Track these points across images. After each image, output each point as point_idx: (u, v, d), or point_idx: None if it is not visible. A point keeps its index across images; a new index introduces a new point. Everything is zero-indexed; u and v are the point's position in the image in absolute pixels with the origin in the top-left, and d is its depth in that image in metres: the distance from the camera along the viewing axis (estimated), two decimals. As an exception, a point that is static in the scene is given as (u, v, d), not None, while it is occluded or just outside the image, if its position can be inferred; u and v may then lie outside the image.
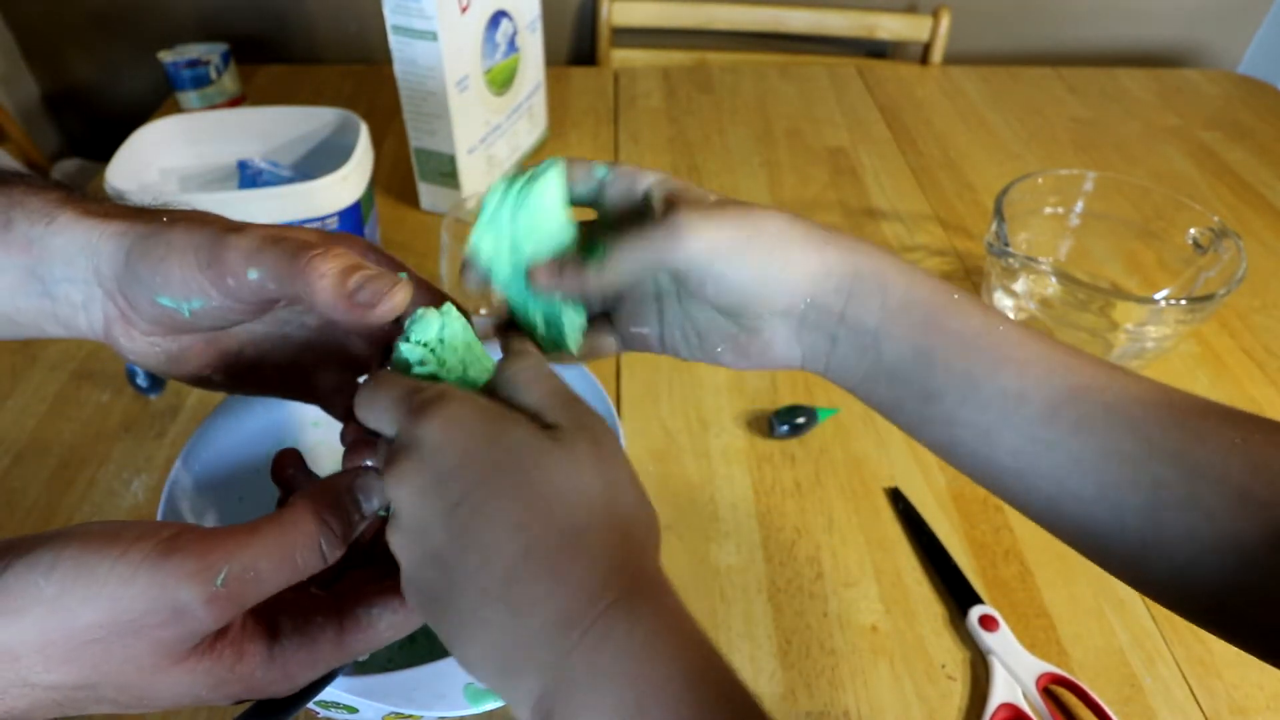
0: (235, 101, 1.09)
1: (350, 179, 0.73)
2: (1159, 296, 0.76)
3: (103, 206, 0.33)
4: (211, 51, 1.05)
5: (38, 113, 1.44)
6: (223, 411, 0.48)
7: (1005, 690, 0.50)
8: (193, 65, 1.03)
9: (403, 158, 0.96)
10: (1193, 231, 0.73)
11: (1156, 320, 0.65)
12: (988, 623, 0.53)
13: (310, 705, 0.36)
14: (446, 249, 0.69)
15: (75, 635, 0.25)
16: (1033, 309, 0.71)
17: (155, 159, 0.81)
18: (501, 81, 0.88)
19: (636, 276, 0.33)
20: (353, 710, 0.39)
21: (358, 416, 0.31)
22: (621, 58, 1.35)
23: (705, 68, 1.25)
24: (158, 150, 0.81)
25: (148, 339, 0.33)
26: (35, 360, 0.72)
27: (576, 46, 1.40)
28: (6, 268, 0.32)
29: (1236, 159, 1.05)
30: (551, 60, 1.11)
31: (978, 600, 0.55)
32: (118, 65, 1.41)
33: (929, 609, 0.55)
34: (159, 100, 1.13)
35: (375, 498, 0.30)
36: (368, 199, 0.78)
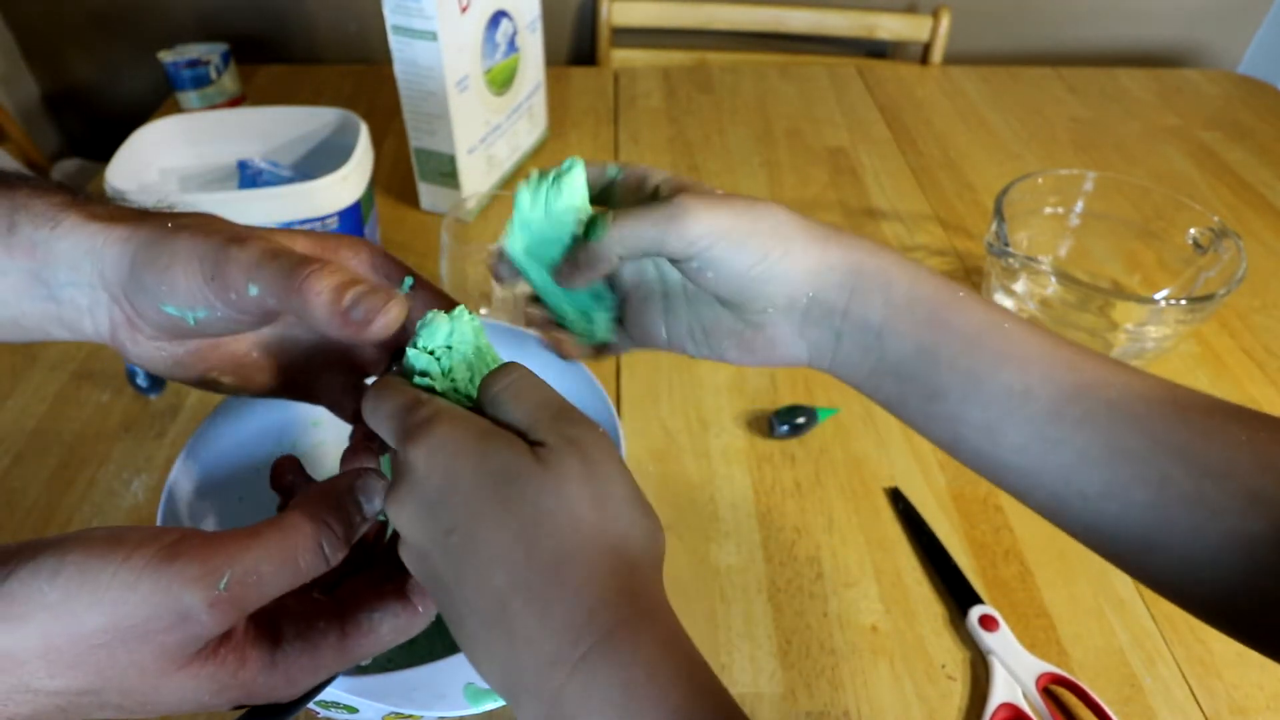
0: (235, 101, 1.09)
1: (350, 179, 0.73)
2: (1159, 296, 0.76)
3: (107, 210, 0.32)
4: (211, 51, 1.05)
5: (38, 113, 1.44)
6: (223, 411, 0.48)
7: (1005, 690, 0.50)
8: (193, 65, 1.03)
9: (403, 158, 0.96)
10: (1193, 231, 0.73)
11: (1156, 320, 0.65)
12: (988, 623, 0.53)
13: (310, 705, 0.36)
14: (446, 249, 0.69)
15: (79, 641, 0.25)
16: (1033, 309, 0.71)
17: (155, 159, 0.81)
18: (501, 81, 0.89)
19: (639, 250, 0.34)
20: (353, 710, 0.39)
21: (365, 420, 0.31)
22: (621, 58, 1.35)
23: (705, 68, 1.25)
24: (158, 150, 0.81)
25: (153, 343, 0.33)
26: (35, 360, 0.72)
27: (576, 46, 1.40)
28: (11, 271, 0.31)
29: (1236, 159, 1.05)
30: (551, 60, 1.11)
31: (978, 600, 0.55)
32: (118, 65, 1.41)
33: (929, 609, 0.55)
34: (159, 100, 1.14)
35: (376, 499, 0.30)
36: (368, 199, 0.78)
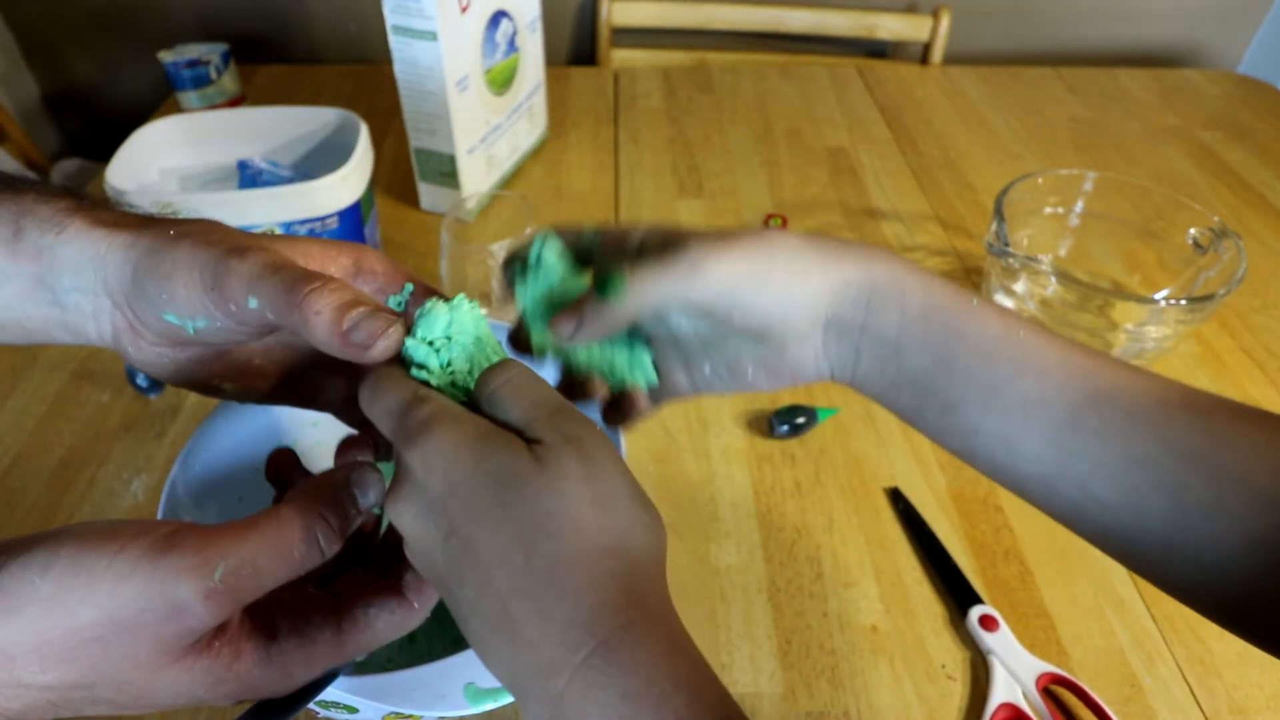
0: (235, 101, 1.09)
1: (350, 179, 0.73)
2: (1159, 296, 0.76)
3: (112, 215, 0.32)
4: (211, 51, 1.05)
5: (38, 113, 1.44)
6: (223, 411, 0.48)
7: (1005, 690, 0.50)
8: (193, 65, 1.03)
9: (403, 158, 0.96)
10: (1193, 231, 0.73)
11: (1156, 320, 0.65)
12: (988, 623, 0.53)
13: (310, 705, 0.36)
14: (446, 249, 0.69)
15: (72, 634, 0.25)
16: (1033, 309, 0.71)
17: (155, 159, 0.81)
18: (501, 81, 0.89)
19: (655, 308, 0.33)
20: (353, 710, 0.39)
21: (362, 409, 0.31)
22: (621, 58, 1.35)
23: (705, 68, 1.25)
24: (158, 150, 0.81)
25: (155, 349, 0.33)
26: (35, 360, 0.72)
27: (576, 46, 1.40)
28: (16, 276, 0.32)
29: (1236, 159, 1.05)
30: (551, 60, 1.11)
31: (978, 600, 0.55)
32: (118, 65, 1.41)
33: (929, 609, 0.55)
34: (159, 100, 1.14)
35: (371, 492, 0.30)
36: (368, 199, 0.78)
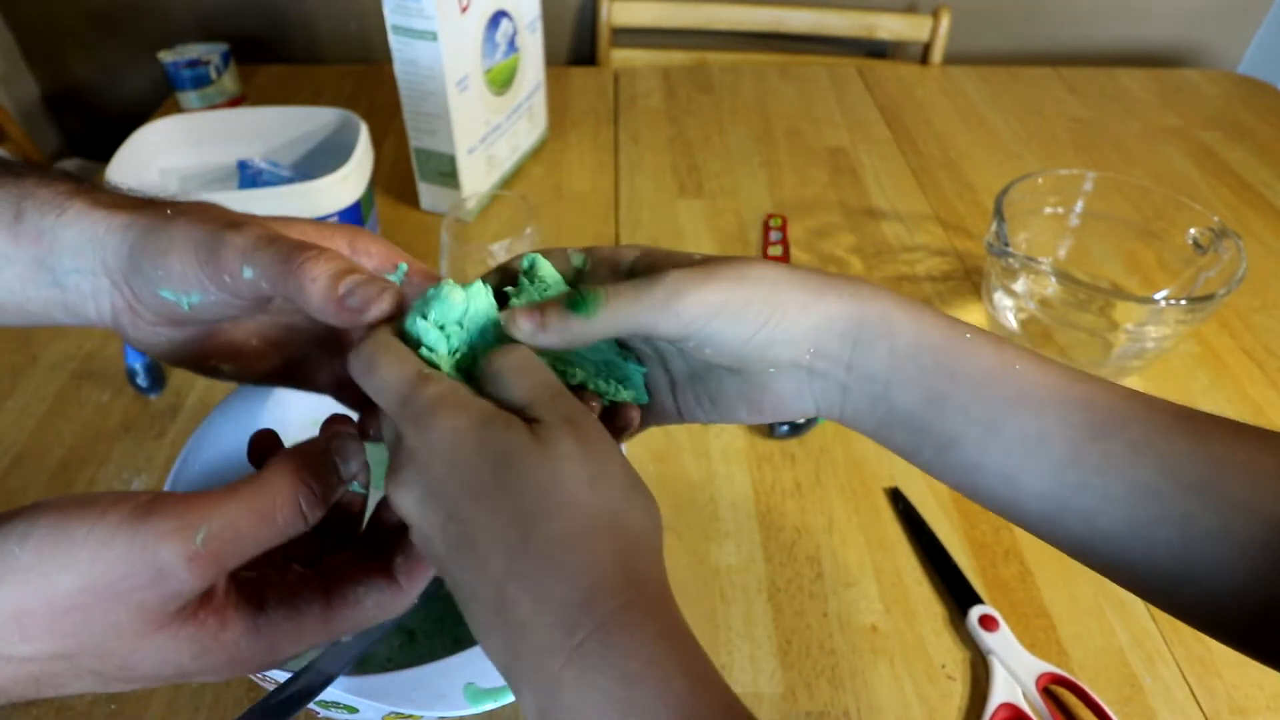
0: (235, 101, 1.09)
1: (350, 179, 0.73)
2: (1159, 296, 0.75)
3: (110, 198, 0.33)
4: (211, 51, 1.05)
5: (38, 113, 1.44)
6: (223, 411, 0.48)
7: (1005, 690, 0.50)
8: (193, 65, 1.03)
9: (403, 158, 0.96)
10: (1193, 231, 0.73)
11: (1156, 320, 0.65)
12: (988, 623, 0.53)
13: (310, 705, 0.36)
14: (446, 249, 0.69)
15: (54, 602, 0.25)
16: (1033, 309, 0.71)
17: (155, 159, 0.81)
18: (501, 81, 0.89)
19: (628, 332, 0.32)
20: (353, 710, 0.39)
21: (353, 375, 0.30)
22: (621, 58, 1.35)
23: (705, 68, 1.25)
24: (158, 150, 0.81)
25: (153, 328, 0.34)
26: (35, 360, 0.72)
27: (576, 46, 1.40)
28: (17, 258, 0.33)
29: (1236, 159, 1.05)
30: (551, 60, 1.11)
31: (978, 600, 0.55)
32: (118, 65, 1.41)
33: (929, 609, 0.55)
34: (159, 100, 1.14)
35: (352, 461, 0.31)
36: (368, 199, 0.78)
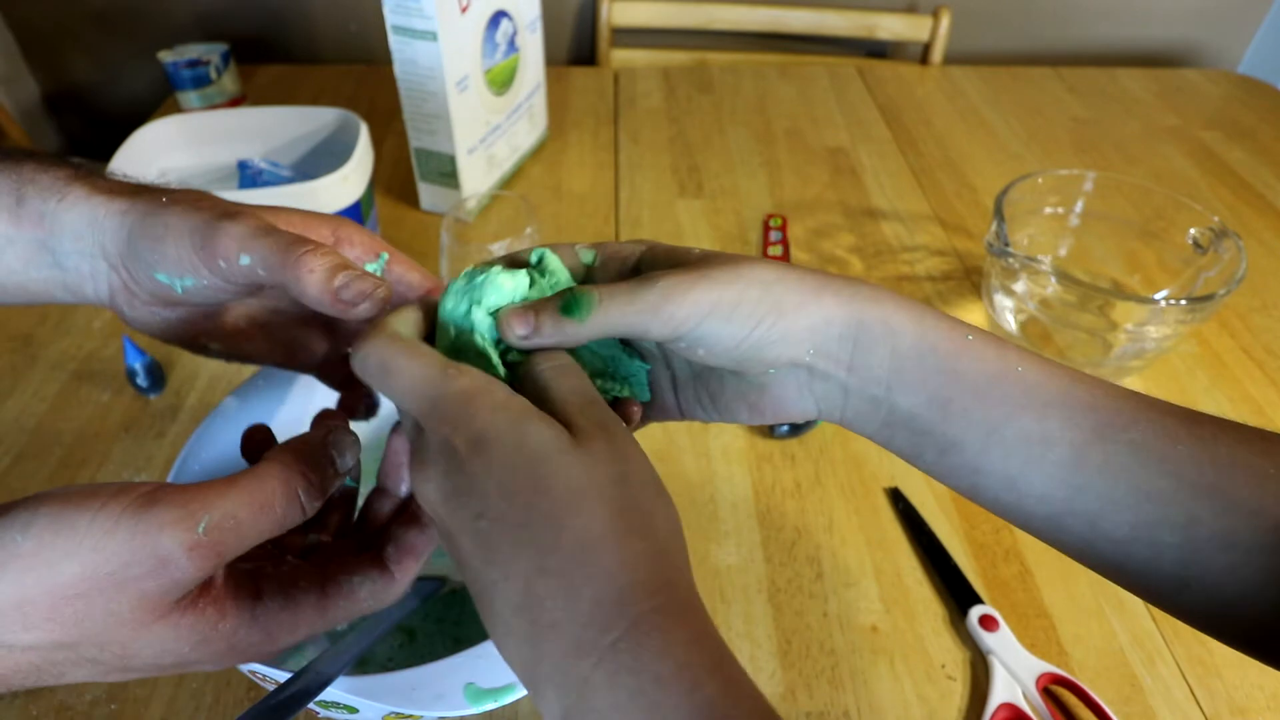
0: (235, 101, 1.09)
1: (350, 179, 0.73)
2: (1159, 296, 0.76)
3: (107, 184, 0.35)
4: (211, 51, 1.05)
5: (38, 113, 1.44)
6: (223, 411, 0.48)
7: (1005, 690, 0.50)
8: (193, 65, 1.03)
9: (403, 158, 0.96)
10: (1193, 231, 0.73)
11: (1156, 320, 0.65)
12: (988, 623, 0.53)
13: (310, 705, 0.36)
14: (446, 249, 0.69)
15: (56, 590, 0.25)
16: (1033, 309, 0.71)
17: (155, 159, 0.81)
18: (501, 81, 0.89)
19: (620, 335, 0.32)
20: (353, 710, 0.39)
21: (363, 378, 0.30)
22: (621, 58, 1.35)
23: (705, 68, 1.25)
24: (158, 150, 0.81)
25: (148, 308, 0.36)
26: (35, 360, 0.72)
27: (576, 46, 1.40)
28: (19, 241, 0.35)
29: (1236, 159, 1.05)
30: (551, 60, 1.11)
31: (978, 600, 0.55)
32: (118, 65, 1.41)
33: (929, 609, 0.55)
34: (159, 100, 1.14)
35: (348, 453, 0.32)
36: (368, 199, 0.78)
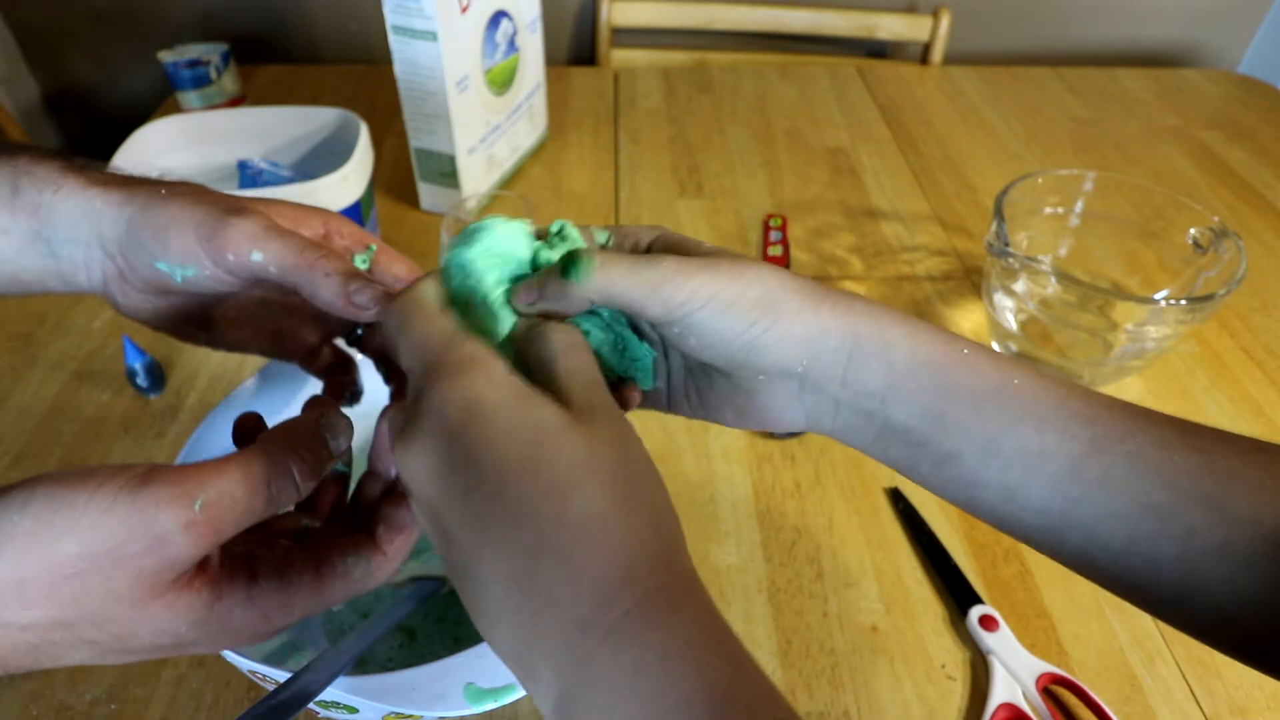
0: (235, 101, 1.09)
1: (350, 179, 0.73)
2: (1159, 296, 0.75)
3: (101, 176, 0.36)
4: (211, 51, 1.05)
5: (38, 113, 1.43)
6: (222, 412, 0.48)
7: (1005, 690, 0.50)
8: (193, 65, 1.03)
9: (403, 158, 0.96)
10: (1193, 231, 0.73)
11: (1156, 320, 0.65)
12: (988, 623, 0.53)
13: (310, 705, 0.36)
14: (446, 249, 0.69)
15: (54, 569, 0.25)
16: (1033, 309, 0.71)
17: (155, 159, 0.81)
18: (501, 81, 0.89)
19: (614, 305, 0.32)
20: (353, 710, 0.39)
21: (385, 329, 0.31)
22: (621, 58, 1.35)
23: (705, 68, 1.25)
24: (158, 150, 0.81)
25: (141, 295, 0.37)
26: (35, 360, 0.72)
27: (576, 46, 1.40)
28: (14, 230, 0.35)
29: (1236, 159, 1.05)
30: (551, 60, 1.11)
31: (978, 600, 0.55)
32: (118, 65, 1.41)
33: (929, 609, 0.55)
34: (159, 100, 1.14)
35: (341, 436, 0.33)
36: (368, 199, 0.78)
